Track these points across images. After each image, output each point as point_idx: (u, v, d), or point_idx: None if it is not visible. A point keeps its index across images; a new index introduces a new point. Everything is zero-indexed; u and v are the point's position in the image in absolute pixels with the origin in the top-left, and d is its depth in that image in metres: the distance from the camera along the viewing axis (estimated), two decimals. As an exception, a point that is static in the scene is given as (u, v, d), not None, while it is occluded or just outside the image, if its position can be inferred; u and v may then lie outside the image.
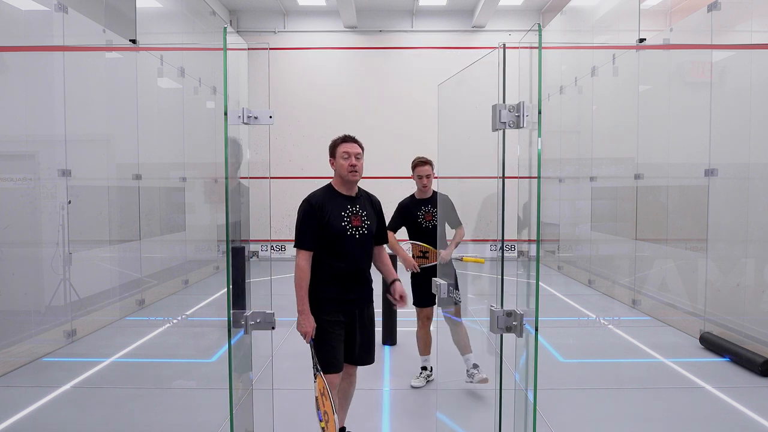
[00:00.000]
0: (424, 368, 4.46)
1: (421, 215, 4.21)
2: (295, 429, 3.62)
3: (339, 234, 2.93)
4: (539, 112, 2.07)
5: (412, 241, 4.27)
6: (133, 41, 7.32)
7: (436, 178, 4.19)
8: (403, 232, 4.40)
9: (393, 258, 4.71)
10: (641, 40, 7.31)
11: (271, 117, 2.31)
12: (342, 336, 3.01)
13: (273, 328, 2.42)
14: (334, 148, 3.03)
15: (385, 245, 3.28)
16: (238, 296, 2.43)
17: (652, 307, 6.90)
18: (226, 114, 2.19)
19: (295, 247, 2.97)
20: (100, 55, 6.84)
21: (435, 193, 4.25)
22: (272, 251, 11.92)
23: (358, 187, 3.12)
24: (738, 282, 5.51)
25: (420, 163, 4.18)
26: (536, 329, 2.10)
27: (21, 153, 5.60)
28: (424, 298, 4.27)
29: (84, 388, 4.47)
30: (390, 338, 5.56)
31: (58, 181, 5.68)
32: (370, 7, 11.77)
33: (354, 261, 2.99)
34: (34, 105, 5.70)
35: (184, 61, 8.94)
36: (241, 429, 2.53)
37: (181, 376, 4.92)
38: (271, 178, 10.87)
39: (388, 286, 3.19)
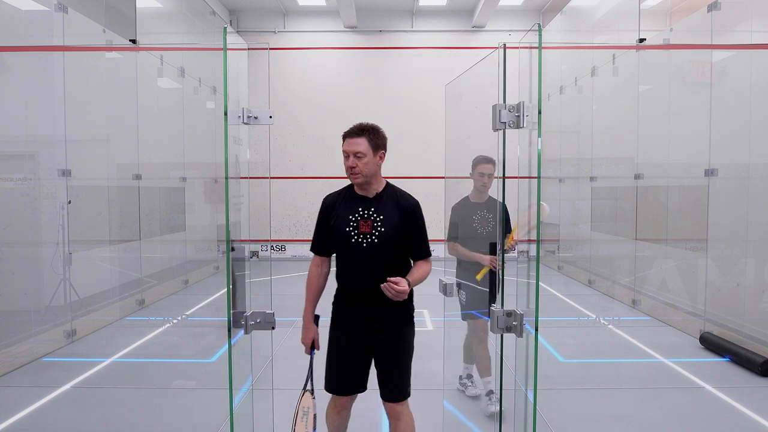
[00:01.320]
0: (470, 375, 4.22)
1: (477, 219, 3.79)
2: (295, 429, 3.62)
3: (342, 240, 2.56)
4: (539, 112, 2.07)
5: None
6: (133, 41, 7.32)
7: (443, 178, 4.06)
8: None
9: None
10: (641, 40, 7.31)
11: (271, 117, 2.31)
12: (348, 354, 2.64)
13: (273, 328, 2.41)
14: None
15: (429, 259, 2.66)
16: (238, 296, 2.43)
17: (652, 307, 6.89)
18: (226, 114, 2.20)
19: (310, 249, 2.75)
20: (100, 55, 6.84)
21: (490, 197, 3.83)
22: (272, 251, 11.91)
23: (388, 183, 2.63)
24: (738, 282, 5.51)
25: (484, 159, 3.75)
26: (536, 329, 2.10)
27: (21, 153, 5.60)
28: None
29: (84, 388, 4.47)
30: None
31: (58, 181, 5.68)
32: (370, 7, 11.77)
33: (355, 274, 2.55)
34: (34, 105, 5.70)
35: (184, 61, 8.94)
36: (241, 429, 2.53)
37: (181, 376, 4.91)
38: (271, 178, 10.86)
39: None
